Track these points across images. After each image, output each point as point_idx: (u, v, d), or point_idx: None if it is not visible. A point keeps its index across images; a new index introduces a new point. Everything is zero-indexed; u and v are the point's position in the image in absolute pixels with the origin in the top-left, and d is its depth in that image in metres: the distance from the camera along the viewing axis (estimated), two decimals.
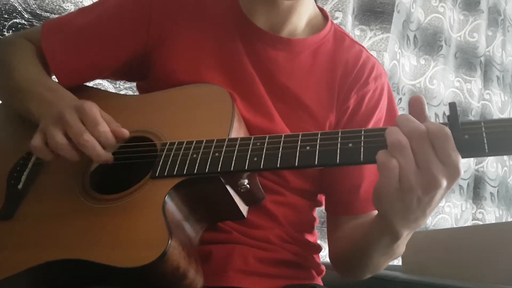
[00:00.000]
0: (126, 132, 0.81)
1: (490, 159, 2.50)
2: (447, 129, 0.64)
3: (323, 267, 1.01)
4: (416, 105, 0.68)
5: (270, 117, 0.94)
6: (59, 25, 1.00)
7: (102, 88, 1.39)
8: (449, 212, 2.32)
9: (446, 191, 0.66)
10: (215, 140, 0.79)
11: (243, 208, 0.83)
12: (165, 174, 0.77)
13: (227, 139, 0.79)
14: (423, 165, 0.63)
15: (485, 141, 0.64)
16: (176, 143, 0.81)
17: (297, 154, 0.73)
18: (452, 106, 0.66)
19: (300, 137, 0.75)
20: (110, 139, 0.79)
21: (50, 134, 0.78)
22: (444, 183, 0.64)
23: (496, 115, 2.51)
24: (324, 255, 1.02)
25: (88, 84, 1.02)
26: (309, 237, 0.99)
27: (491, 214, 2.44)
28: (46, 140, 0.79)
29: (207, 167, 0.76)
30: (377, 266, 0.89)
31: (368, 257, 0.85)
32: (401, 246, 0.80)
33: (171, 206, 0.76)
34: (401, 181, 0.64)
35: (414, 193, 0.65)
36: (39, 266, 0.74)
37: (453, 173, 0.64)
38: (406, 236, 0.75)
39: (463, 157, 0.65)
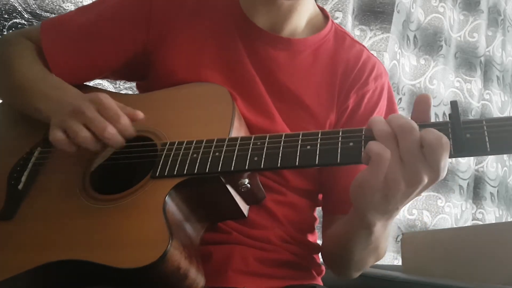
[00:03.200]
0: (140, 114, 0.83)
1: (490, 159, 2.50)
2: (446, 139, 0.64)
3: (323, 267, 1.01)
4: (422, 104, 0.69)
5: (270, 116, 0.94)
6: (59, 24, 1.00)
7: (102, 88, 1.39)
8: (449, 212, 2.32)
9: (424, 189, 0.68)
10: (215, 140, 0.79)
11: (244, 208, 0.83)
12: (166, 174, 0.77)
13: (227, 139, 0.79)
14: (408, 159, 0.64)
15: (487, 140, 0.64)
16: (176, 143, 0.81)
17: (298, 154, 0.73)
18: (454, 104, 0.66)
19: (300, 136, 0.74)
20: (131, 131, 0.81)
21: (72, 129, 0.79)
22: (426, 180, 0.65)
23: (496, 115, 2.51)
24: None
25: (87, 83, 1.02)
26: (309, 237, 0.99)
27: (491, 214, 2.44)
28: (65, 132, 0.80)
29: (208, 167, 0.76)
30: (361, 262, 0.90)
31: (349, 252, 0.86)
32: (381, 239, 0.82)
33: (172, 206, 0.76)
34: (386, 175, 0.65)
35: (397, 187, 0.66)
36: (40, 267, 0.74)
37: (435, 175, 0.65)
38: (382, 228, 0.77)
39: (464, 156, 0.65)
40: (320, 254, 1.01)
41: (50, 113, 0.83)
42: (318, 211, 1.04)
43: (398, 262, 2.09)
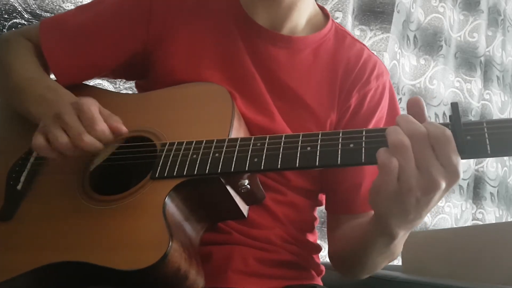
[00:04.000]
0: (123, 129, 0.80)
1: (490, 159, 2.50)
2: (448, 131, 0.63)
3: (323, 267, 1.01)
4: (415, 107, 0.67)
5: (271, 115, 0.93)
6: (58, 24, 1.00)
7: (102, 88, 1.39)
8: (449, 212, 2.32)
9: (444, 193, 0.66)
10: (215, 141, 0.78)
11: (244, 208, 0.83)
12: (165, 175, 0.77)
13: (227, 140, 0.78)
14: (423, 166, 0.63)
15: (488, 142, 0.64)
16: (176, 144, 0.80)
17: (298, 155, 0.72)
18: (454, 106, 0.65)
19: (300, 137, 0.74)
20: (107, 137, 0.78)
21: (53, 135, 0.78)
22: (443, 185, 0.64)
23: (496, 115, 2.51)
24: (324, 255, 1.02)
25: (87, 83, 1.02)
26: (310, 237, 0.99)
27: (491, 214, 2.44)
28: (48, 139, 0.79)
29: (207, 168, 0.75)
30: (375, 266, 0.89)
31: (365, 256, 0.84)
32: (398, 246, 0.80)
33: (172, 207, 0.76)
34: (400, 182, 0.64)
35: (412, 194, 0.64)
36: (39, 269, 0.74)
37: (452, 176, 0.64)
38: (402, 236, 0.75)
39: (465, 158, 0.64)
40: (320, 254, 1.01)
41: (39, 117, 0.83)
42: (318, 211, 1.04)
43: (398, 262, 2.09)
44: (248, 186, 0.78)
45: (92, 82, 1.06)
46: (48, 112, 0.81)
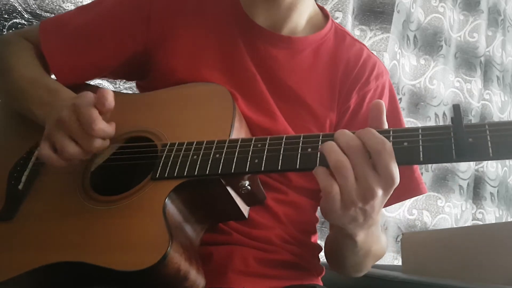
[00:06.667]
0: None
1: None
2: (388, 144, 0.65)
3: (323, 267, 1.01)
4: (374, 110, 0.70)
5: (272, 115, 0.93)
6: (58, 24, 1.00)
7: (102, 88, 1.39)
8: (449, 212, 2.32)
9: (385, 198, 0.68)
10: (215, 141, 0.78)
11: (244, 209, 0.83)
12: (166, 175, 0.77)
13: (227, 140, 0.78)
14: (360, 177, 0.65)
15: (490, 145, 0.63)
16: (177, 144, 0.80)
17: (299, 156, 0.72)
18: (456, 108, 0.65)
19: (301, 138, 0.74)
20: (108, 133, 0.78)
21: (59, 143, 0.77)
22: (380, 192, 0.66)
23: (496, 115, 2.51)
24: (324, 255, 1.02)
25: (87, 82, 1.02)
26: (310, 237, 0.99)
27: (491, 214, 2.44)
28: (53, 146, 0.78)
29: (208, 169, 0.75)
30: (357, 266, 0.92)
31: (341, 257, 0.88)
32: (370, 243, 0.82)
33: (172, 208, 0.76)
34: (342, 199, 0.66)
35: (356, 206, 0.67)
36: (39, 268, 0.74)
37: (388, 183, 0.66)
38: (365, 236, 0.77)
39: (466, 160, 0.64)
40: (320, 254, 1.02)
41: (44, 120, 0.83)
42: (318, 211, 1.04)
43: (398, 262, 2.09)
44: (249, 187, 0.78)
45: (92, 82, 1.05)
46: (51, 116, 0.81)
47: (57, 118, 0.78)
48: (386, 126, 0.70)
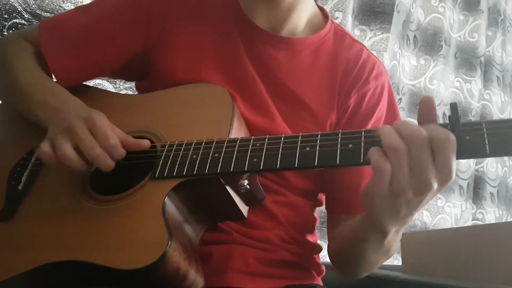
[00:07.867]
0: (138, 143, 0.81)
1: (490, 159, 2.50)
2: (453, 137, 0.63)
3: (323, 267, 1.01)
4: (428, 107, 0.68)
5: (271, 116, 0.94)
6: (57, 24, 0.99)
7: (103, 88, 1.39)
8: (449, 212, 2.32)
9: (436, 193, 0.67)
10: (214, 141, 0.79)
11: (244, 209, 0.83)
12: (165, 175, 0.77)
13: (226, 140, 0.79)
14: (417, 168, 0.63)
15: (486, 142, 0.64)
16: (176, 144, 0.81)
17: (297, 155, 0.72)
18: (454, 106, 0.66)
19: (300, 137, 0.74)
20: (120, 153, 0.79)
21: (59, 145, 0.78)
22: (435, 186, 0.64)
23: (496, 115, 2.51)
24: (324, 255, 1.02)
25: (87, 83, 1.02)
26: (310, 237, 0.99)
27: (491, 214, 2.44)
28: (54, 148, 0.79)
29: (207, 168, 0.76)
30: (371, 263, 0.89)
31: (360, 253, 0.85)
32: (393, 242, 0.81)
33: (171, 207, 0.76)
34: (392, 184, 0.64)
35: (404, 196, 0.65)
36: (39, 268, 0.74)
37: (446, 178, 0.64)
38: (395, 233, 0.76)
39: (464, 158, 0.65)
40: (320, 254, 1.02)
41: (47, 122, 0.83)
42: (318, 211, 1.04)
43: (398, 262, 2.09)
44: (248, 186, 0.78)
45: (92, 82, 1.06)
46: (56, 120, 0.81)
47: (66, 126, 0.79)
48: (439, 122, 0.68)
